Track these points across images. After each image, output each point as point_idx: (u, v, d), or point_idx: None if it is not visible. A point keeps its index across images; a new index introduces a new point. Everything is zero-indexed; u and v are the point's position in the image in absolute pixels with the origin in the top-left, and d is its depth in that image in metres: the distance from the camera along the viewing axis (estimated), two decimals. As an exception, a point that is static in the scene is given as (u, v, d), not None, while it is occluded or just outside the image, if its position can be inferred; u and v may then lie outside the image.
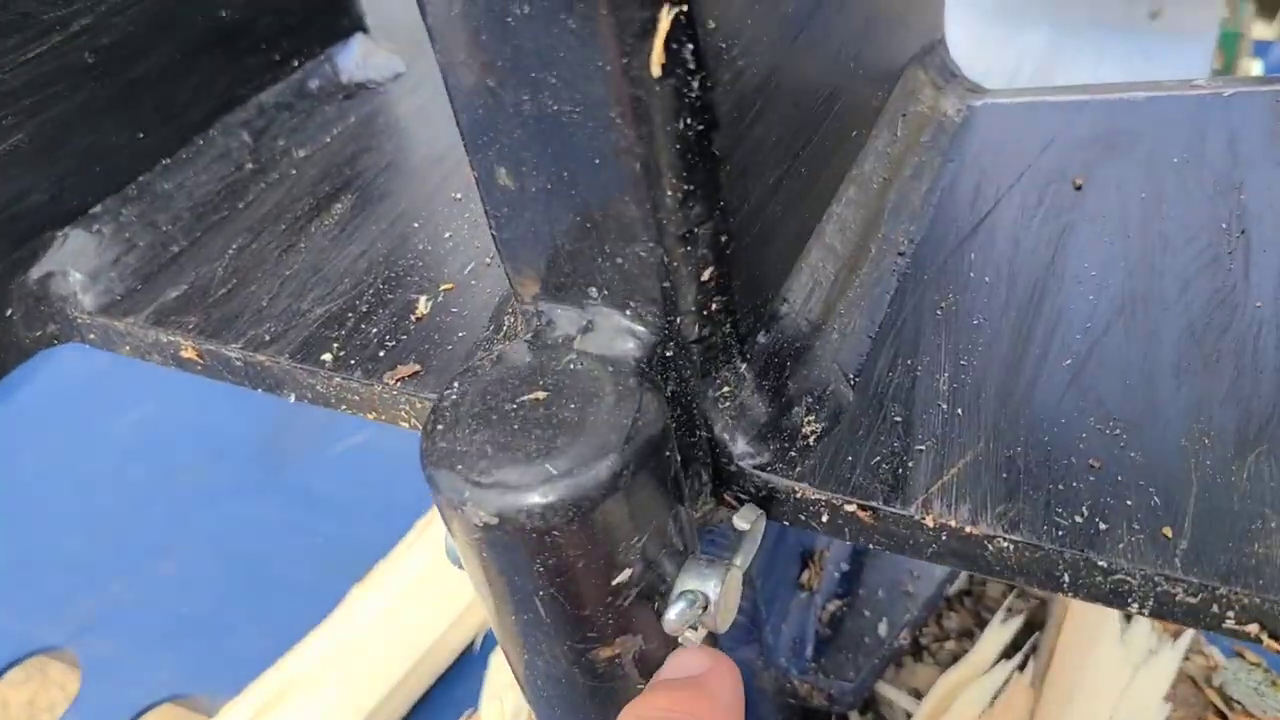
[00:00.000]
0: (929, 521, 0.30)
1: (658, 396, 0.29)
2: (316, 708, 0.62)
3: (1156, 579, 0.27)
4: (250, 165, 0.48)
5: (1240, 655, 0.60)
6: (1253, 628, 0.27)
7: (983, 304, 0.35)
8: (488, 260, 0.40)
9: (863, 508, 0.30)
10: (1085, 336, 0.34)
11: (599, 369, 0.30)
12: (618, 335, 0.31)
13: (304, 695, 0.62)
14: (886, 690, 0.56)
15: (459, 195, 0.46)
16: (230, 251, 0.43)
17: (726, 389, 0.32)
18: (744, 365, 0.33)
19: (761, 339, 0.33)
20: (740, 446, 0.32)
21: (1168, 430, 0.30)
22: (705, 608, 0.31)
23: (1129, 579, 0.28)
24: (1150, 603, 0.28)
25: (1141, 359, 0.33)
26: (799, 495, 0.31)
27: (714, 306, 0.30)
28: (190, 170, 0.46)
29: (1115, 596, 0.28)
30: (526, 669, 0.33)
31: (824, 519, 0.31)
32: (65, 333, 0.43)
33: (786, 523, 0.32)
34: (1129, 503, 0.29)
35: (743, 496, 0.33)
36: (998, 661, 0.56)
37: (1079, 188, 0.40)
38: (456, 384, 0.31)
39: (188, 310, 0.41)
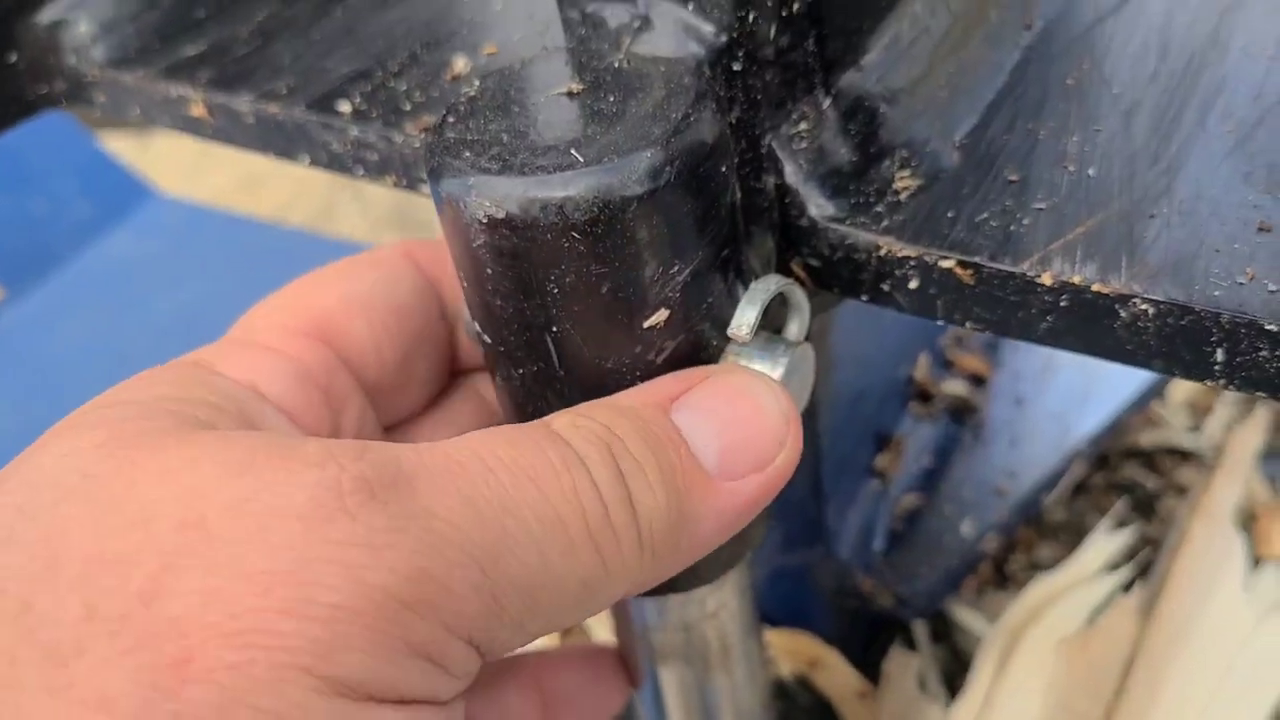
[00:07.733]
0: (1046, 279, 0.23)
1: (717, 103, 0.24)
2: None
3: (1346, 348, 0.21)
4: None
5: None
6: None
7: (1125, 76, 0.29)
8: (540, 25, 0.35)
9: (963, 264, 0.24)
10: (1255, 105, 0.27)
11: (650, 67, 0.25)
12: (677, 33, 0.25)
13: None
14: (964, 615, 0.50)
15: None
16: (259, 18, 0.39)
17: (804, 126, 0.26)
18: (827, 101, 0.27)
19: (853, 76, 0.27)
20: (815, 196, 0.26)
21: (1364, 195, 0.24)
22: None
23: (1307, 351, 0.21)
24: (1332, 387, 0.22)
25: (1328, 127, 0.26)
26: (883, 253, 0.25)
27: (796, 6, 0.25)
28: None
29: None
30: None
31: (912, 285, 0.25)
32: (73, 91, 0.39)
33: (865, 297, 0.27)
34: (1311, 265, 0.22)
35: (813, 262, 0.27)
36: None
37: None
38: (478, 81, 0.25)
39: (202, 66, 0.36)
